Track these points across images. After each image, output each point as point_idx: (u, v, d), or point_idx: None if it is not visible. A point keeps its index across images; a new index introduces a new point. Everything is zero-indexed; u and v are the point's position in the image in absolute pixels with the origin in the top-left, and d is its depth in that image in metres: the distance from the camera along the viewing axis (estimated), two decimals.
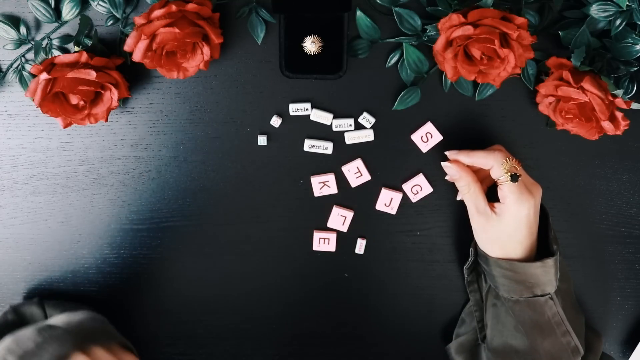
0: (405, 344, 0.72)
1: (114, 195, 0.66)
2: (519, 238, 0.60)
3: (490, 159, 0.60)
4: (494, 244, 0.62)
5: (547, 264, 0.60)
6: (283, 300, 0.70)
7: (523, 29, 0.55)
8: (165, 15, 0.54)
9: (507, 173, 0.59)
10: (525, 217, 0.59)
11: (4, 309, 0.69)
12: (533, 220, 0.60)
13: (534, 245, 0.62)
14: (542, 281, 0.60)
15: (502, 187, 0.60)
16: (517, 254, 0.61)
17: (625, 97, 0.61)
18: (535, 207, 0.60)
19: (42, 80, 0.55)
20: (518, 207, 0.59)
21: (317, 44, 0.61)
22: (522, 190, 0.59)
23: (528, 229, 0.60)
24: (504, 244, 0.61)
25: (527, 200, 0.59)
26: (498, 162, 0.59)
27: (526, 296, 0.61)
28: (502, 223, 0.60)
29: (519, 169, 0.59)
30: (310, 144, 0.65)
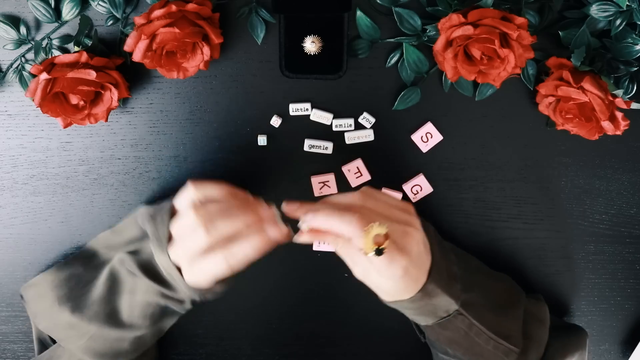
0: (405, 344, 0.72)
1: (114, 195, 0.66)
2: (403, 288, 0.55)
3: (347, 228, 0.52)
4: (381, 292, 0.56)
5: (428, 290, 0.55)
6: (283, 300, 0.70)
7: (523, 29, 0.55)
8: (165, 15, 0.54)
9: (369, 249, 0.50)
10: (401, 275, 0.53)
11: (4, 309, 0.69)
12: (414, 271, 0.54)
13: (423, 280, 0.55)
14: (438, 305, 0.57)
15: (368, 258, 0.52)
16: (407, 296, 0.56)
17: (625, 97, 0.61)
18: (413, 260, 0.53)
19: (42, 80, 0.56)
20: (391, 270, 0.52)
21: (317, 44, 0.61)
22: (392, 256, 0.52)
23: (411, 279, 0.54)
24: (389, 294, 0.56)
25: (400, 261, 0.52)
26: (356, 235, 0.51)
27: (433, 321, 0.59)
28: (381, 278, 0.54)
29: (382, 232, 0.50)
30: (310, 144, 0.65)
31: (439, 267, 0.57)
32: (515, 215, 0.68)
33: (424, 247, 0.55)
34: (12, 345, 0.71)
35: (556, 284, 0.71)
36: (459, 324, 0.59)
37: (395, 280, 0.54)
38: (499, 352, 0.60)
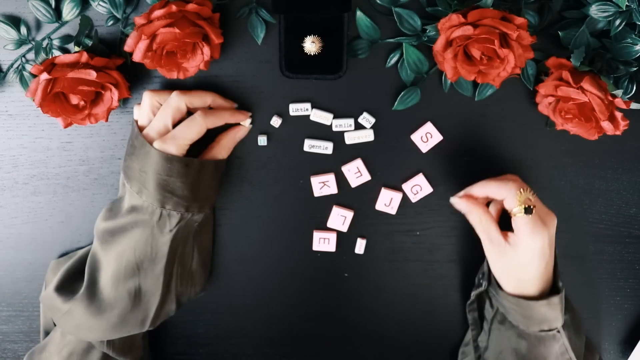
0: (405, 344, 0.72)
1: (114, 195, 0.66)
2: (534, 272, 0.59)
3: (503, 190, 0.59)
4: (509, 276, 0.61)
5: (552, 302, 0.59)
6: (283, 300, 0.70)
7: (523, 29, 0.55)
8: (166, 16, 0.54)
9: (520, 205, 0.58)
10: (539, 249, 0.58)
11: (5, 308, 0.69)
12: (548, 253, 0.59)
13: (549, 280, 0.61)
14: (549, 317, 0.60)
15: (515, 219, 0.58)
16: (530, 290, 0.60)
17: (624, 97, 0.61)
18: (550, 239, 0.59)
19: (42, 81, 0.56)
20: (532, 239, 0.58)
21: (317, 44, 0.61)
22: (536, 222, 0.58)
23: (543, 262, 0.59)
24: (519, 278, 0.60)
25: (541, 232, 0.58)
26: (511, 194, 0.58)
27: (534, 330, 0.61)
28: (517, 254, 0.59)
29: (533, 200, 0.58)
30: (310, 144, 0.65)
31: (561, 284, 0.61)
32: None
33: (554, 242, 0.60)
34: (12, 345, 0.71)
35: None
36: (553, 341, 0.61)
37: (532, 255, 0.58)
38: None
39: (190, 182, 0.58)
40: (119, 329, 0.60)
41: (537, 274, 0.59)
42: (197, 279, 0.65)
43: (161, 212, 0.58)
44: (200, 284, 0.65)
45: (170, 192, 0.58)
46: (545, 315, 0.60)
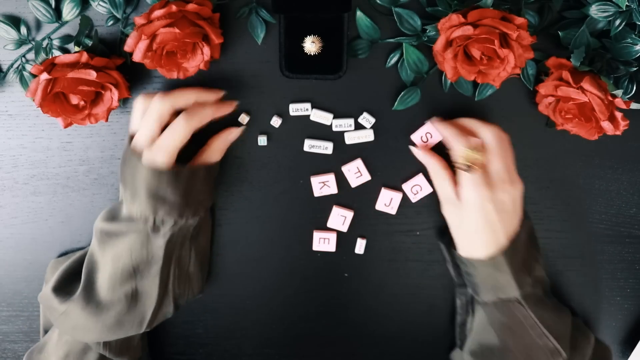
0: (405, 344, 0.72)
1: (114, 195, 0.66)
2: (476, 230, 0.59)
3: (452, 142, 0.59)
4: (459, 236, 0.61)
5: (497, 262, 0.58)
6: (283, 301, 0.70)
7: (523, 29, 0.55)
8: (166, 16, 0.54)
9: (463, 163, 0.58)
10: (479, 206, 0.58)
11: (5, 308, 0.69)
12: (494, 216, 0.58)
13: (502, 247, 0.59)
14: (501, 282, 0.59)
15: (458, 171, 0.59)
16: (479, 253, 0.60)
17: (624, 97, 0.61)
18: (494, 202, 0.58)
19: (42, 81, 0.56)
20: (470, 193, 0.58)
21: (317, 44, 0.61)
22: (476, 179, 0.58)
23: (486, 223, 0.58)
24: (467, 237, 0.60)
25: (480, 191, 0.58)
26: (458, 149, 0.58)
27: (492, 299, 0.61)
28: (464, 210, 0.59)
29: (477, 165, 0.57)
30: (310, 144, 0.65)
31: (517, 249, 0.59)
32: None
33: (512, 209, 0.59)
34: (12, 345, 0.71)
35: (556, 284, 0.71)
36: (516, 311, 0.60)
37: (474, 211, 0.58)
38: (547, 350, 0.61)
39: (181, 189, 0.58)
40: (115, 331, 0.60)
41: (480, 234, 0.59)
42: (195, 281, 0.65)
43: (154, 219, 0.58)
44: (199, 285, 0.65)
45: (161, 200, 0.57)
46: (495, 279, 0.59)
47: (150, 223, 0.58)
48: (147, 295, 0.60)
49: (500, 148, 0.59)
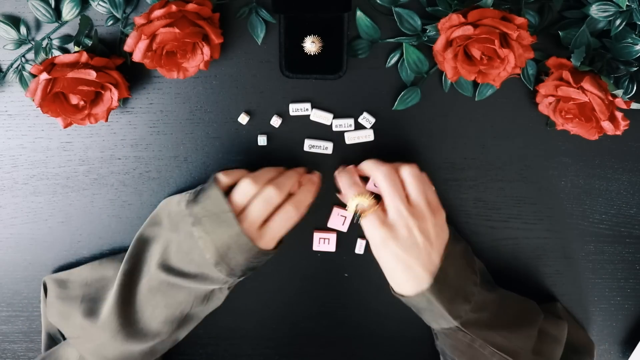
0: (405, 344, 0.72)
1: (114, 195, 0.66)
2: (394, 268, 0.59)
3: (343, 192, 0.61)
4: (387, 276, 0.61)
5: (422, 296, 0.58)
6: (283, 301, 0.70)
7: (523, 29, 0.55)
8: (165, 15, 0.54)
9: (352, 212, 0.59)
10: (381, 246, 0.58)
11: (4, 309, 0.69)
12: (401, 253, 0.57)
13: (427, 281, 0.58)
14: (437, 315, 0.59)
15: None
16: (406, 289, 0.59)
17: (625, 97, 0.61)
18: (397, 240, 0.57)
19: (42, 80, 0.56)
20: (370, 236, 0.58)
21: (317, 44, 0.61)
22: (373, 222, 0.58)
23: (396, 260, 0.57)
24: (390, 275, 0.60)
25: (378, 232, 0.57)
26: (346, 199, 0.60)
27: (436, 327, 0.62)
28: (375, 252, 0.59)
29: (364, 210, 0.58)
30: (310, 144, 0.65)
31: (444, 282, 0.58)
32: (515, 215, 0.68)
33: (424, 241, 0.57)
34: (12, 345, 0.71)
35: (556, 284, 0.71)
36: (460, 337, 0.61)
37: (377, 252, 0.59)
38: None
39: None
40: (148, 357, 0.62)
41: (396, 271, 0.58)
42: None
43: (234, 281, 0.60)
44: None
45: (252, 269, 0.61)
46: (431, 311, 0.59)
47: (229, 284, 0.60)
48: (189, 328, 0.63)
49: (392, 185, 0.58)
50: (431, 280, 0.57)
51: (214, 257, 0.57)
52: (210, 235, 0.57)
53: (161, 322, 0.60)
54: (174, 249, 0.59)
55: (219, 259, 0.57)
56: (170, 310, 0.60)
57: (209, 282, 0.59)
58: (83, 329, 0.61)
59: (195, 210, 0.58)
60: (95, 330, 0.60)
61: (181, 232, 0.59)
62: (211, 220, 0.57)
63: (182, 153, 0.65)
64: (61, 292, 0.64)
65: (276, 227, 0.59)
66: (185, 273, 0.59)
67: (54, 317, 0.63)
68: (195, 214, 0.58)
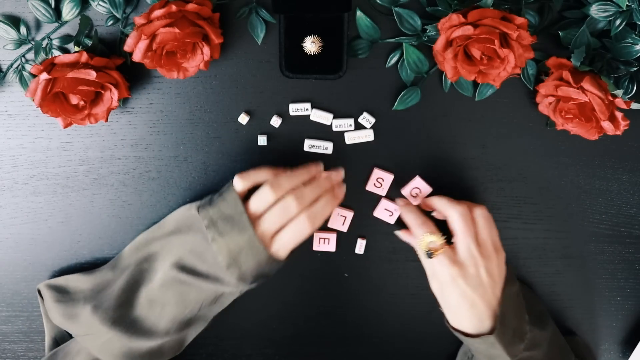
0: (405, 344, 0.72)
1: (114, 195, 0.66)
2: (459, 305, 0.60)
3: (413, 229, 0.62)
4: (447, 311, 0.62)
5: (487, 340, 0.59)
6: (283, 300, 0.70)
7: (523, 29, 0.55)
8: (165, 15, 0.54)
9: (423, 251, 0.60)
10: (450, 283, 0.59)
11: (4, 309, 0.69)
12: (468, 291, 0.59)
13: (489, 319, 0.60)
14: (495, 355, 0.60)
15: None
16: (465, 326, 0.61)
17: (625, 97, 0.61)
18: (466, 278, 0.59)
19: (42, 80, 0.56)
20: (440, 272, 0.60)
21: (317, 44, 0.61)
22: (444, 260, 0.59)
23: (462, 297, 0.59)
24: (453, 311, 0.61)
25: (448, 270, 0.59)
26: (417, 237, 0.61)
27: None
28: (442, 287, 0.61)
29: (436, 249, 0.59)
30: (310, 144, 0.65)
31: (506, 326, 0.59)
32: (515, 215, 0.68)
33: (490, 281, 0.59)
34: (12, 345, 0.71)
35: (556, 284, 0.71)
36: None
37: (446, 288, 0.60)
38: None
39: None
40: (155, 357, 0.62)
41: (460, 308, 0.60)
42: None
43: (244, 287, 0.60)
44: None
45: (264, 277, 0.61)
46: (489, 352, 0.60)
47: (240, 288, 0.60)
48: (197, 329, 0.63)
49: (466, 225, 0.59)
50: (493, 322, 0.59)
51: (226, 260, 0.58)
52: (223, 238, 0.58)
53: (169, 321, 0.60)
54: (189, 249, 0.60)
55: (231, 261, 0.58)
56: (180, 309, 0.60)
57: (219, 284, 0.59)
58: (90, 326, 0.61)
59: (210, 213, 0.59)
60: (101, 327, 0.60)
61: (195, 234, 0.60)
62: (225, 222, 0.58)
63: (182, 153, 0.65)
64: (61, 296, 0.64)
65: (286, 238, 0.59)
66: (197, 272, 0.59)
67: (58, 319, 0.63)
68: (210, 217, 0.59)
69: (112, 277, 0.64)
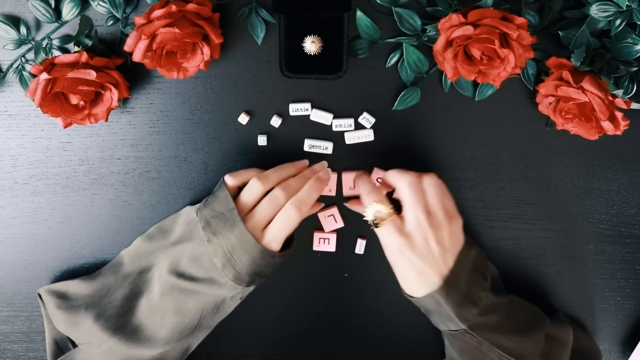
0: (405, 344, 0.72)
1: (114, 195, 0.66)
2: (409, 274, 0.59)
3: (362, 199, 0.60)
4: (400, 279, 0.61)
5: (434, 299, 0.58)
6: (283, 300, 0.70)
7: (523, 29, 0.55)
8: (165, 15, 0.54)
9: (370, 220, 0.59)
10: (397, 254, 0.58)
11: (4, 309, 0.69)
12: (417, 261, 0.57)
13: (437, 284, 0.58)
14: (445, 317, 0.60)
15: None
16: (417, 292, 0.59)
17: (625, 97, 0.61)
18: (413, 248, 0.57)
19: (42, 80, 0.56)
20: (387, 243, 0.59)
21: (317, 44, 0.61)
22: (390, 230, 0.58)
23: (411, 267, 0.58)
24: (403, 279, 0.61)
25: (395, 240, 0.57)
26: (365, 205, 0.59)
27: (444, 329, 0.62)
28: (390, 257, 0.60)
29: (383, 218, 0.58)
30: (310, 144, 0.65)
31: (453, 286, 0.59)
32: (515, 215, 0.68)
33: (440, 250, 0.58)
34: (12, 345, 0.71)
35: (556, 284, 0.71)
36: (468, 339, 0.61)
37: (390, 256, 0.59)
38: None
39: (279, 265, 0.61)
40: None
41: (410, 277, 0.59)
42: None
43: (243, 289, 0.60)
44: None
45: (260, 276, 0.60)
46: (440, 312, 0.59)
47: (238, 291, 0.60)
48: (199, 337, 0.64)
49: (414, 194, 0.58)
50: (441, 283, 0.58)
51: (220, 260, 0.58)
52: (217, 236, 0.58)
53: (169, 330, 0.60)
54: (187, 256, 0.60)
55: (225, 261, 0.58)
56: (180, 318, 0.60)
57: (216, 287, 0.59)
58: (91, 335, 0.61)
59: (204, 214, 0.60)
60: (103, 335, 0.60)
61: (194, 240, 0.60)
62: (218, 220, 0.58)
63: (182, 153, 0.65)
64: (62, 302, 0.64)
65: (276, 226, 0.59)
66: (195, 278, 0.60)
67: (61, 326, 0.63)
68: (204, 217, 0.59)
69: (112, 283, 0.64)
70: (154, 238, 0.65)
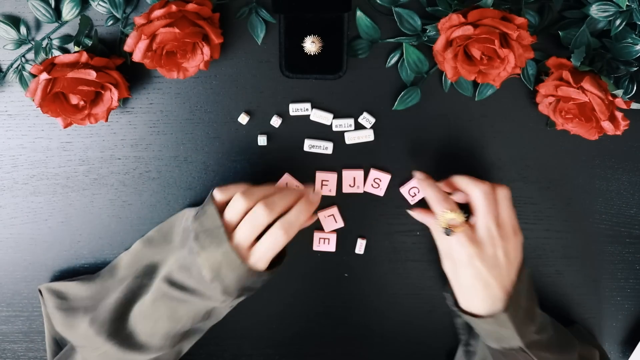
0: (405, 344, 0.72)
1: (114, 195, 0.66)
2: (474, 286, 0.59)
3: (432, 205, 0.60)
4: (460, 292, 0.61)
5: (499, 318, 0.58)
6: (283, 300, 0.70)
7: (523, 29, 0.55)
8: (165, 15, 0.54)
9: (442, 227, 0.58)
10: (467, 264, 0.58)
11: (4, 309, 0.69)
12: (485, 272, 0.58)
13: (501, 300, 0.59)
14: (505, 336, 0.59)
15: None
16: (476, 307, 0.60)
17: (625, 97, 0.61)
18: (483, 259, 0.58)
19: (42, 80, 0.56)
20: (457, 251, 0.58)
21: (317, 44, 0.61)
22: (462, 239, 0.58)
23: (478, 278, 0.58)
24: (466, 292, 0.60)
25: (466, 249, 0.58)
26: (437, 213, 0.59)
27: (495, 347, 0.62)
28: (457, 267, 0.60)
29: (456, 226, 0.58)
30: (310, 144, 0.65)
31: (518, 304, 0.59)
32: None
33: (506, 262, 0.58)
34: (12, 345, 0.71)
35: (556, 284, 0.71)
36: (519, 356, 0.61)
37: (462, 267, 0.59)
38: None
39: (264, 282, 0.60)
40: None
41: (475, 289, 0.59)
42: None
43: (232, 300, 0.60)
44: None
45: (249, 290, 0.60)
46: (498, 332, 0.59)
47: (227, 303, 0.59)
48: (192, 341, 0.64)
49: (488, 205, 0.58)
50: (507, 302, 0.58)
51: (209, 274, 0.57)
52: (205, 251, 0.57)
53: (162, 336, 0.60)
54: (179, 264, 0.60)
55: (213, 276, 0.57)
56: (172, 324, 0.60)
57: (206, 299, 0.59)
58: (87, 338, 0.61)
59: (194, 226, 0.58)
60: (97, 339, 0.60)
61: (186, 249, 0.60)
62: (206, 236, 0.57)
63: (182, 153, 0.65)
64: (61, 303, 0.64)
65: (263, 248, 0.57)
66: (186, 288, 0.59)
67: (59, 327, 0.64)
68: (195, 229, 0.58)
69: (110, 285, 0.64)
70: (153, 242, 0.65)
